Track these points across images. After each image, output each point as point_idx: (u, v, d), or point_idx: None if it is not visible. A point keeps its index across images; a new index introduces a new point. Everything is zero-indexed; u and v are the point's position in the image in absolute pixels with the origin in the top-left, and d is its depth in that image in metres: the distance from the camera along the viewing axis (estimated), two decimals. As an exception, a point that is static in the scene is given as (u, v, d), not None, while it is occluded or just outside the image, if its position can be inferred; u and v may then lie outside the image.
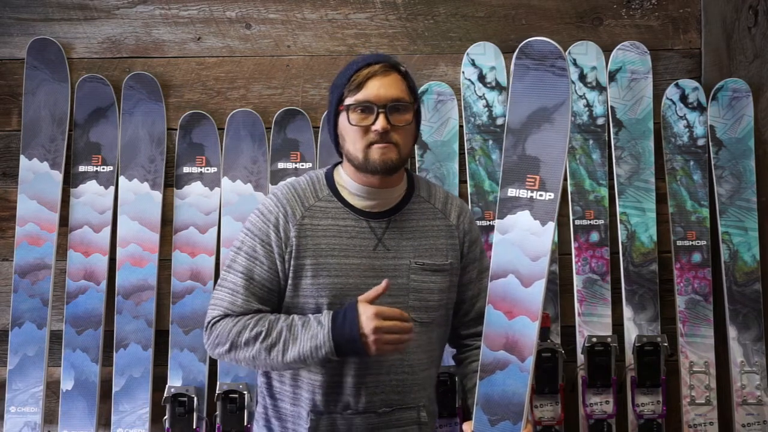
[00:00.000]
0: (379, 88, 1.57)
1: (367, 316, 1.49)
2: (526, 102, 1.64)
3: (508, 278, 1.63)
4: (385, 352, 1.51)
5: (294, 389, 1.65)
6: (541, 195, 1.62)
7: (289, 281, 1.61)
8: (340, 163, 1.71)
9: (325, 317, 1.54)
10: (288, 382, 1.66)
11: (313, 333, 1.52)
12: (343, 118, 1.60)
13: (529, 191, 1.63)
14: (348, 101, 1.58)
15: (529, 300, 1.61)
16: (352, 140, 1.59)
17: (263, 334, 1.55)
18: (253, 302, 1.60)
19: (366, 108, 1.57)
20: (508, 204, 1.65)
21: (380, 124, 1.55)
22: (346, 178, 1.66)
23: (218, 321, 1.61)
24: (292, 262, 1.61)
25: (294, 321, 1.57)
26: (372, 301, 1.53)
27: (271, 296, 1.63)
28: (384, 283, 1.54)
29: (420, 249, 1.67)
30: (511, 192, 1.65)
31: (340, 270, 1.61)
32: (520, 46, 1.65)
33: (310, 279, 1.60)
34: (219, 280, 1.65)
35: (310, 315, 1.58)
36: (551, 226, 1.61)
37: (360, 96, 1.57)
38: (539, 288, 1.60)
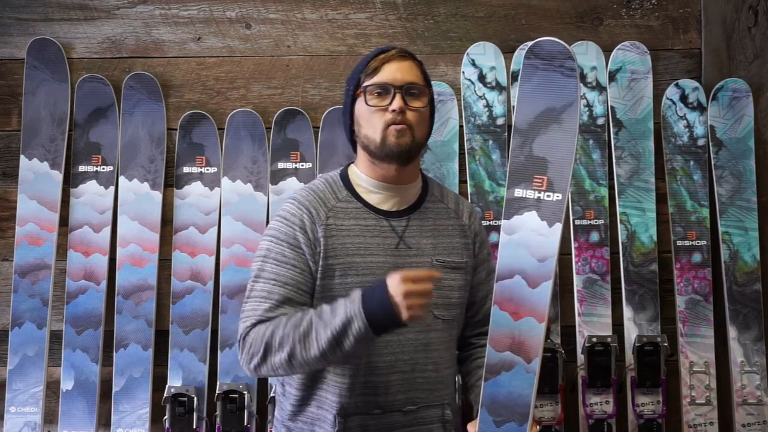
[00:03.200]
0: (395, 71, 1.60)
1: (395, 282, 1.45)
2: (533, 102, 1.63)
3: (514, 279, 1.62)
4: (418, 315, 1.47)
5: (319, 392, 1.63)
6: (548, 196, 1.61)
7: (318, 282, 1.60)
8: (351, 163, 1.71)
9: (355, 294, 1.50)
10: (311, 385, 1.64)
11: (343, 310, 1.49)
12: (360, 102, 1.62)
13: (537, 192, 1.62)
14: (365, 84, 1.61)
15: (536, 301, 1.60)
16: (369, 122, 1.60)
17: (294, 328, 1.51)
18: (287, 307, 1.57)
19: (383, 89, 1.59)
20: (515, 204, 1.64)
21: (397, 103, 1.57)
22: (362, 176, 1.67)
23: (251, 330, 1.56)
24: (321, 263, 1.60)
25: (322, 308, 1.53)
26: None
27: (305, 298, 1.60)
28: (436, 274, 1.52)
29: (439, 247, 1.68)
30: (518, 192, 1.64)
31: (367, 269, 1.61)
32: (529, 46, 1.65)
33: (339, 279, 1.60)
34: (247, 292, 1.61)
35: (338, 299, 1.53)
36: (558, 227, 1.60)
37: (377, 78, 1.60)
38: (546, 289, 1.60)
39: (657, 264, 2.32)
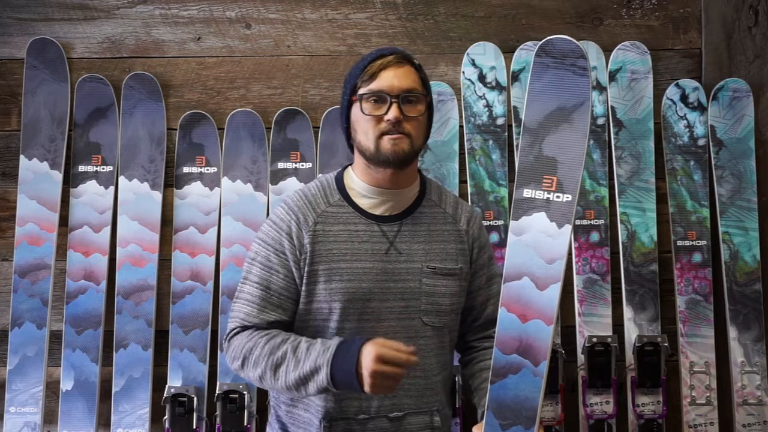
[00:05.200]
0: (392, 78, 1.57)
1: (368, 357, 1.43)
2: (544, 101, 1.61)
3: (522, 281, 1.60)
4: (380, 393, 1.48)
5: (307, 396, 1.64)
6: (558, 196, 1.59)
7: (303, 287, 1.61)
8: (350, 165, 1.71)
9: (334, 343, 1.50)
10: None
11: (316, 356, 1.49)
12: (356, 108, 1.60)
13: (546, 192, 1.60)
14: (361, 91, 1.58)
15: (544, 303, 1.58)
16: (365, 130, 1.58)
17: (270, 354, 1.53)
18: (269, 312, 1.60)
19: (379, 98, 1.57)
20: (524, 205, 1.61)
21: (393, 113, 1.55)
22: (357, 181, 1.66)
23: (236, 334, 1.60)
24: (306, 269, 1.60)
25: (301, 343, 1.54)
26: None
27: (288, 303, 1.62)
28: (411, 348, 1.47)
29: (431, 253, 1.66)
30: (527, 193, 1.61)
31: (353, 274, 1.60)
32: (540, 43, 1.62)
33: (323, 284, 1.60)
34: (236, 293, 1.65)
35: (318, 339, 1.55)
36: (568, 228, 1.57)
37: (373, 86, 1.57)
38: (555, 291, 1.57)
39: (657, 264, 2.32)
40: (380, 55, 1.60)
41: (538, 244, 1.60)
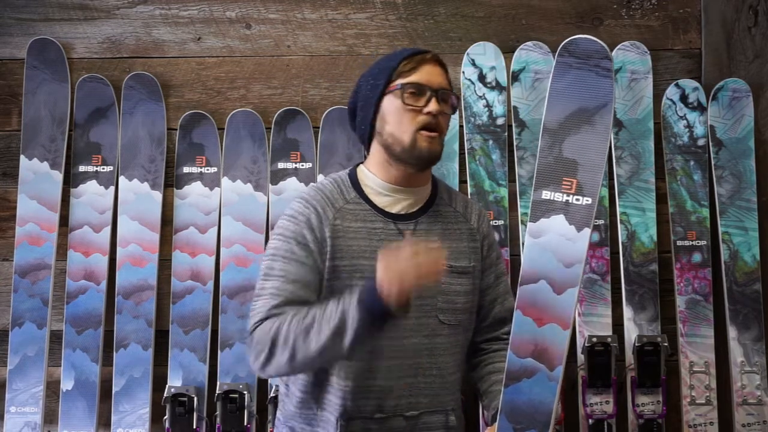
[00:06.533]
0: (431, 73, 1.59)
1: (380, 266, 1.41)
2: (565, 102, 1.59)
3: (539, 284, 1.58)
4: (401, 287, 1.39)
5: (322, 394, 1.62)
6: (577, 199, 1.57)
7: (325, 282, 1.59)
8: (361, 163, 1.70)
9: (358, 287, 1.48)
10: (315, 387, 1.63)
11: (343, 304, 1.46)
12: (390, 99, 1.58)
13: (565, 195, 1.58)
14: (401, 81, 1.57)
15: (561, 307, 1.56)
16: (400, 122, 1.57)
17: (298, 323, 1.48)
18: (295, 304, 1.54)
19: (419, 90, 1.57)
20: (542, 207, 1.59)
21: (433, 105, 1.56)
22: (372, 178, 1.65)
23: (257, 326, 1.54)
24: (327, 263, 1.58)
25: (329, 303, 1.49)
26: None
27: (313, 296, 1.58)
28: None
29: (446, 251, 1.65)
30: (546, 195, 1.59)
31: (374, 272, 1.57)
32: (563, 43, 1.61)
33: (346, 281, 1.58)
34: (257, 290, 1.59)
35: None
36: (587, 232, 1.55)
37: (414, 78, 1.57)
38: (572, 295, 1.55)
39: (657, 264, 2.32)
40: (418, 51, 1.62)
41: (556, 247, 1.57)
